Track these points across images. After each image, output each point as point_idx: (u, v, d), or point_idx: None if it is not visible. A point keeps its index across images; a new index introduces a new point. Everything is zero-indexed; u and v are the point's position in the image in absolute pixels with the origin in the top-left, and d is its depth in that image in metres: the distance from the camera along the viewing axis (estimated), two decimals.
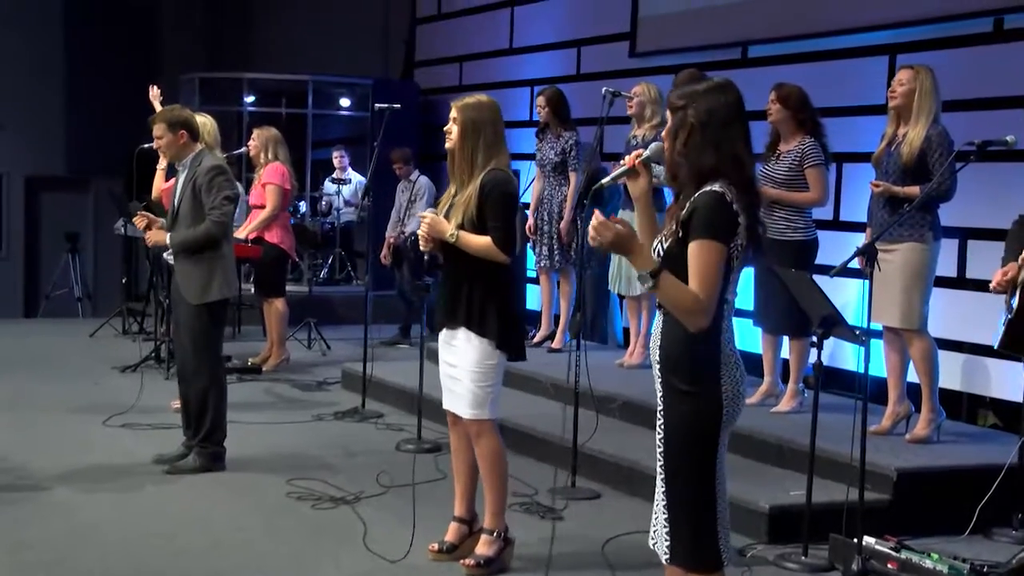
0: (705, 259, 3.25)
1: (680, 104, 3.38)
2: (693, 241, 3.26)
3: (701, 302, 3.23)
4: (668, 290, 3.24)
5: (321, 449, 6.81)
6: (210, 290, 6.12)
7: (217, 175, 6.14)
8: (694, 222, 3.27)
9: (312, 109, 12.86)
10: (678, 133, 3.38)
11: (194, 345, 6.18)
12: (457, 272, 4.81)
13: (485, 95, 4.99)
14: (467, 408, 4.80)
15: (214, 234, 6.10)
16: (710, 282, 3.24)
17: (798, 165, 6.52)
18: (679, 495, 3.40)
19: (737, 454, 6.23)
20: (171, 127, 6.17)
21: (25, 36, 15.78)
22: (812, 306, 4.97)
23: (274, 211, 8.87)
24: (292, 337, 9.92)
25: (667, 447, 3.39)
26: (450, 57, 12.60)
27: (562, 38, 10.92)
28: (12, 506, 5.51)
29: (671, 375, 3.36)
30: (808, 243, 6.59)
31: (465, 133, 4.77)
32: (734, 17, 9.09)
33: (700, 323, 3.26)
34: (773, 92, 6.65)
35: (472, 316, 4.74)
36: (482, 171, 4.75)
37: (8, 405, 7.70)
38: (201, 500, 5.75)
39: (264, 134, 9.03)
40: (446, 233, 4.72)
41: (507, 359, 4.86)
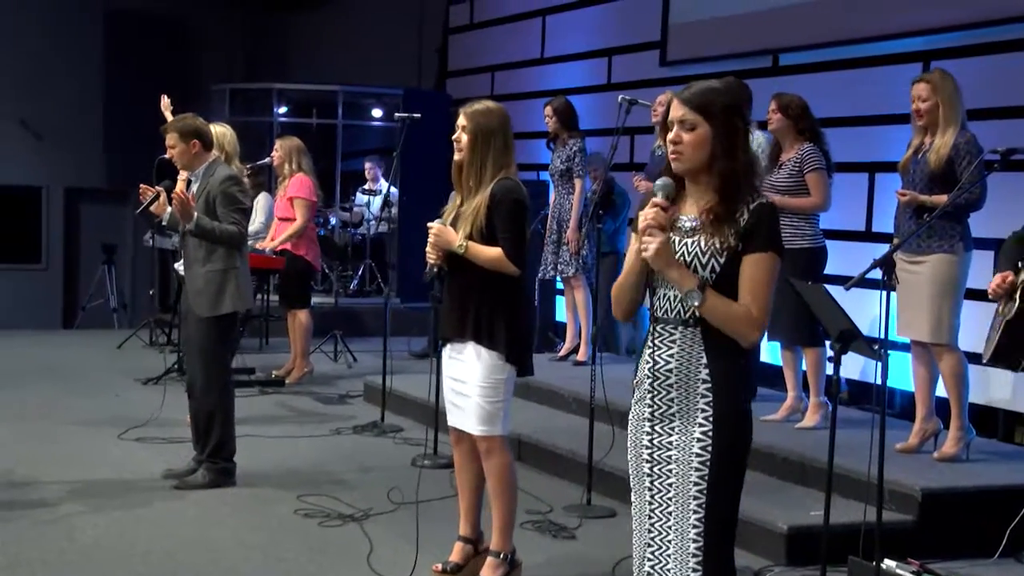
0: (768, 273, 3.12)
1: (719, 108, 3.11)
2: (755, 254, 3.11)
3: (758, 317, 3.11)
4: (719, 306, 3.09)
5: (335, 464, 6.71)
6: (222, 303, 6.02)
7: (232, 186, 6.05)
8: (758, 235, 3.11)
9: (342, 120, 12.80)
10: (732, 141, 3.12)
11: (203, 359, 6.08)
12: (464, 284, 4.65)
13: (492, 101, 4.84)
14: (476, 424, 4.65)
15: (236, 239, 6.00)
16: (768, 295, 3.13)
17: (799, 171, 6.41)
18: (722, 517, 3.22)
19: (759, 472, 6.08)
20: (183, 136, 6.08)
21: (65, 49, 15.90)
22: (829, 320, 4.80)
23: (303, 225, 8.81)
24: (318, 349, 9.85)
25: (719, 471, 3.15)
26: (481, 67, 12.52)
27: (593, 47, 10.81)
28: (15, 522, 5.44)
29: (720, 394, 3.15)
30: (816, 251, 6.46)
31: (475, 141, 4.63)
32: (765, 25, 8.93)
33: (756, 338, 3.14)
34: (773, 101, 6.56)
35: (481, 329, 4.59)
36: (491, 180, 4.61)
37: (28, 417, 7.68)
38: (206, 517, 5.66)
39: (287, 144, 8.97)
40: (454, 244, 4.58)
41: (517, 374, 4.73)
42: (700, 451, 3.16)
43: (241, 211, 6.06)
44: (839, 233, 7.61)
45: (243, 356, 9.79)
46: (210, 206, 6.01)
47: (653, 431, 3.25)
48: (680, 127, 3.14)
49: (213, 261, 6.02)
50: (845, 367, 7.45)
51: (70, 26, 16.02)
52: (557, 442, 6.62)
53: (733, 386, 3.17)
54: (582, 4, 11.03)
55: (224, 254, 6.04)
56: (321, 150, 13.24)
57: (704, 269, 3.13)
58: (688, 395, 3.19)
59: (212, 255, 6.02)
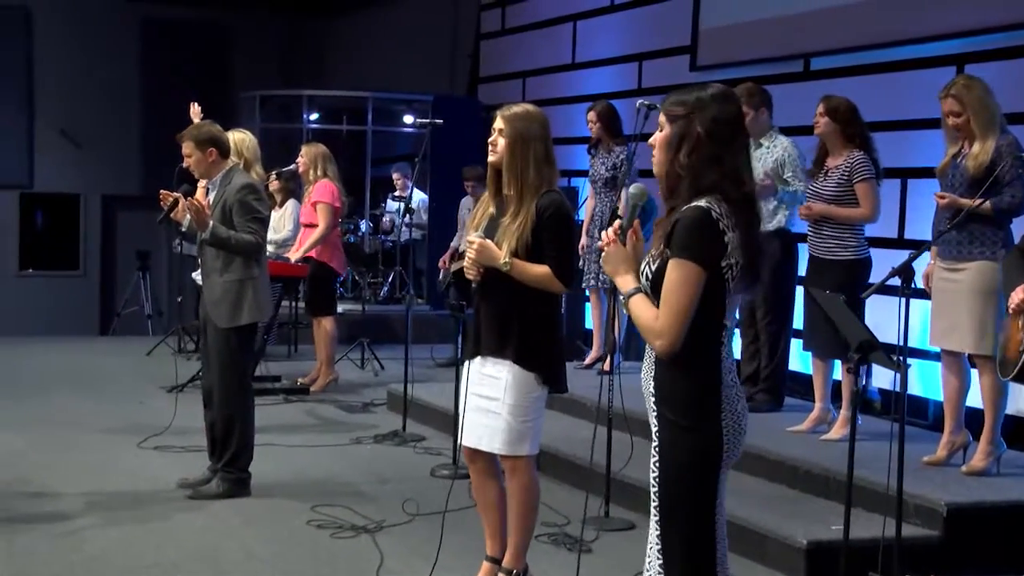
0: (674, 277, 3.02)
1: (682, 112, 3.11)
2: (671, 259, 3.04)
3: (660, 324, 3.02)
4: (634, 310, 3.09)
5: (353, 474, 6.64)
6: (240, 313, 5.94)
7: (248, 194, 5.96)
8: (674, 240, 3.04)
9: (372, 126, 12.75)
10: (681, 144, 3.10)
11: (222, 369, 5.99)
12: (504, 301, 4.42)
13: (532, 105, 4.63)
14: (504, 444, 4.44)
15: (252, 248, 5.92)
16: (675, 304, 3.01)
17: (847, 180, 6.22)
18: (676, 538, 3.13)
19: (782, 484, 5.97)
20: (199, 144, 6.00)
21: (103, 58, 16.02)
22: (849, 330, 4.67)
23: (327, 230, 8.75)
24: (345, 357, 9.80)
25: (663, 486, 3.11)
26: (513, 73, 12.44)
27: (624, 52, 10.70)
28: (26, 533, 5.41)
29: (666, 407, 3.10)
30: (860, 262, 6.27)
31: (514, 147, 4.39)
32: (796, 28, 8.78)
33: (659, 346, 3.04)
34: (821, 104, 6.35)
35: (522, 350, 4.38)
36: (535, 191, 4.38)
37: (50, 425, 7.67)
38: (217, 528, 5.60)
39: (312, 150, 8.92)
40: (499, 260, 4.35)
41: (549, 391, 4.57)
42: (653, 468, 3.14)
43: (258, 220, 5.97)
44: (871, 240, 7.44)
45: (270, 363, 9.77)
46: (226, 215, 5.92)
47: (653, 445, 3.19)
48: (658, 129, 3.16)
49: (231, 271, 5.94)
50: (879, 377, 7.36)
51: (108, 35, 16.16)
52: (577, 452, 6.51)
53: (678, 401, 3.09)
54: (613, 9, 10.94)
55: (242, 264, 5.95)
56: (351, 156, 13.23)
57: (641, 276, 3.14)
58: (650, 410, 3.16)
59: (230, 265, 5.94)
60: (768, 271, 6.85)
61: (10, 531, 5.43)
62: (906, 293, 4.40)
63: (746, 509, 5.50)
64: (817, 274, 6.35)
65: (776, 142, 6.95)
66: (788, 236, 6.97)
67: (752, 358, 7.09)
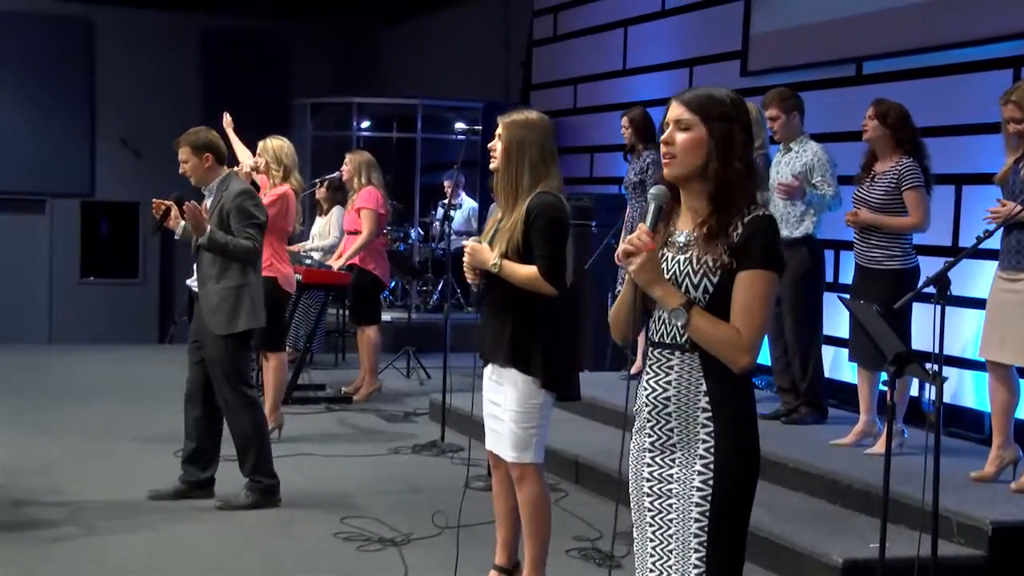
0: (761, 291, 2.85)
1: (721, 114, 2.90)
2: (748, 271, 2.85)
3: (747, 338, 2.84)
4: (706, 327, 2.85)
5: (386, 484, 6.58)
6: (237, 320, 5.87)
7: (246, 200, 5.91)
8: (752, 250, 2.85)
9: (421, 133, 12.71)
10: (730, 147, 2.89)
11: (226, 378, 5.92)
12: (501, 304, 4.45)
13: (536, 111, 4.62)
14: (509, 451, 4.44)
15: (250, 254, 5.86)
16: (762, 315, 2.86)
17: (895, 188, 6.03)
18: (725, 560, 2.96)
19: (822, 500, 5.81)
20: (196, 151, 5.96)
21: (162, 67, 16.15)
22: (884, 342, 4.50)
23: (370, 237, 8.70)
24: (391, 366, 9.74)
25: (720, 511, 2.91)
26: (564, 79, 12.33)
27: (674, 58, 10.55)
28: (50, 542, 5.40)
29: (724, 425, 2.90)
30: (907, 272, 6.06)
31: (509, 152, 4.44)
32: (848, 32, 8.58)
33: (745, 362, 2.86)
34: (871, 108, 6.17)
35: (517, 353, 4.37)
36: (528, 194, 4.39)
37: (88, 433, 7.70)
38: (241, 538, 5.55)
39: (357, 158, 8.88)
40: (488, 263, 4.38)
41: (557, 399, 4.51)
42: (701, 485, 2.92)
43: (256, 226, 5.91)
44: (923, 248, 7.24)
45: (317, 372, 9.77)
46: (224, 221, 5.87)
47: (654, 462, 3.03)
48: (675, 127, 2.93)
49: (227, 278, 5.88)
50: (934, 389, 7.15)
51: (168, 45, 16.29)
52: (613, 464, 6.36)
53: (737, 418, 2.92)
54: (664, 14, 10.79)
55: (238, 270, 5.89)
56: (401, 164, 13.21)
57: (696, 289, 2.90)
58: (688, 426, 2.95)
59: (226, 271, 5.89)
60: (797, 280, 6.68)
61: (34, 539, 5.43)
62: (940, 302, 4.22)
63: (783, 525, 5.35)
64: (864, 284, 6.17)
65: (806, 147, 6.79)
66: (815, 242, 6.80)
67: (785, 370, 6.91)
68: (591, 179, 11.41)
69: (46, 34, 16.00)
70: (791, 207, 6.71)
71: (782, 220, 6.77)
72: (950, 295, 4.37)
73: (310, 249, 9.59)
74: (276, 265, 7.34)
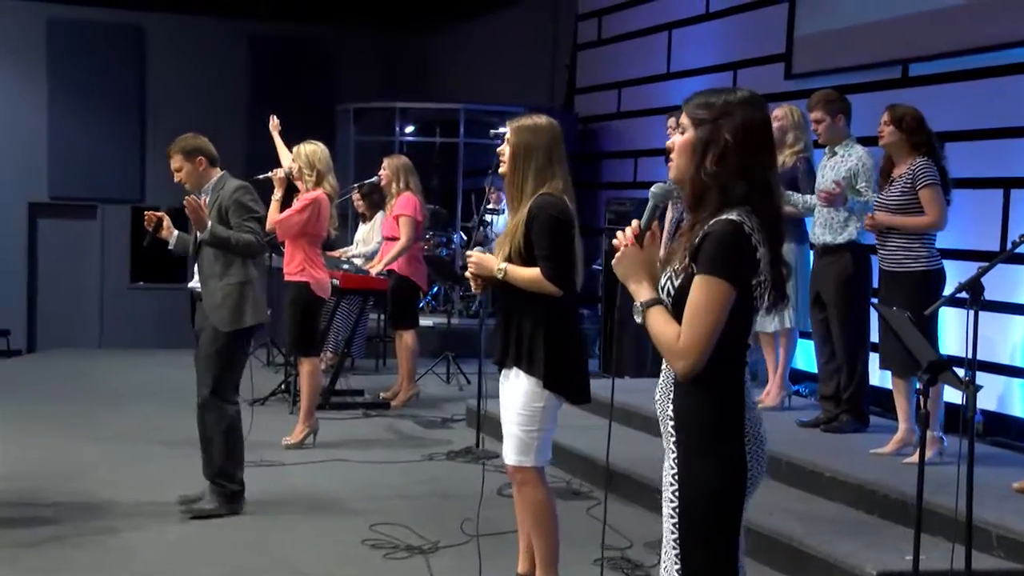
0: (702, 296, 2.79)
1: (708, 116, 2.89)
2: (698, 275, 2.80)
3: (682, 344, 2.78)
4: (653, 325, 2.85)
5: (418, 491, 6.53)
6: (243, 316, 5.84)
7: (244, 194, 5.90)
8: (702, 255, 2.81)
9: (464, 138, 12.67)
10: (707, 149, 2.88)
11: (212, 375, 5.88)
12: (508, 306, 4.46)
13: (546, 117, 4.60)
14: (511, 453, 4.45)
15: (252, 248, 5.84)
16: (701, 324, 2.78)
17: (911, 188, 5.93)
18: (696, 571, 2.91)
19: (860, 510, 5.69)
20: (187, 156, 5.97)
21: (211, 74, 16.27)
22: (917, 349, 4.38)
23: (408, 243, 8.67)
24: (431, 371, 9.70)
25: (684, 516, 2.89)
26: (609, 83, 12.24)
27: (718, 61, 10.43)
28: (80, 547, 5.41)
29: (685, 432, 2.88)
30: (931, 273, 5.94)
31: (516, 157, 4.44)
32: (894, 33, 8.43)
33: (680, 367, 2.80)
34: (886, 113, 6.10)
35: (521, 353, 4.37)
36: (531, 197, 4.38)
37: (127, 437, 7.73)
38: (268, 544, 5.52)
39: (395, 162, 8.85)
40: (493, 269, 4.37)
41: (565, 402, 4.45)
42: (671, 496, 2.91)
43: (255, 219, 5.90)
44: (971, 254, 7.10)
45: (357, 377, 9.76)
46: (223, 218, 5.86)
47: (664, 470, 2.99)
48: (678, 131, 2.95)
49: (230, 275, 5.86)
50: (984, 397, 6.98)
51: (217, 51, 16.41)
52: (647, 472, 6.28)
53: (702, 426, 2.86)
54: (708, 17, 10.68)
55: (240, 267, 5.88)
56: (444, 168, 13.17)
57: (662, 291, 2.90)
58: (665, 433, 2.94)
59: (229, 268, 5.86)
60: (841, 285, 6.56)
61: (61, 544, 5.44)
62: (974, 308, 4.10)
63: (817, 535, 5.24)
64: (887, 288, 6.06)
65: (851, 151, 6.65)
66: (860, 248, 6.65)
67: (830, 377, 6.78)
68: (634, 183, 11.31)
69: (98, 42, 16.17)
70: (834, 212, 6.59)
71: (825, 225, 6.65)
72: (984, 300, 4.24)
73: (353, 255, 9.58)
74: (309, 270, 7.33)
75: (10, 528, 5.65)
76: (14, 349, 15.93)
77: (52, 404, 9.13)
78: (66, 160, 15.98)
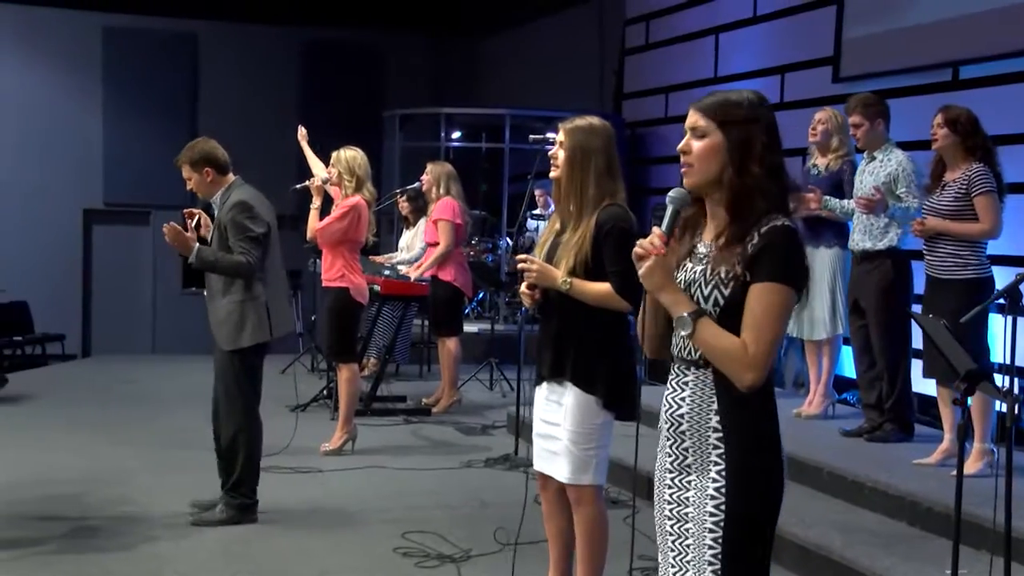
0: (771, 304, 2.67)
1: (737, 118, 2.76)
2: (759, 283, 2.69)
3: (753, 354, 2.67)
4: (710, 338, 2.70)
5: (454, 498, 6.48)
6: (243, 335, 5.74)
7: (239, 213, 5.72)
8: (765, 261, 2.69)
9: (509, 143, 12.62)
10: (746, 152, 2.74)
11: (226, 391, 5.84)
12: (563, 321, 4.24)
13: (598, 118, 4.42)
14: (568, 472, 4.26)
15: (241, 269, 5.66)
16: (771, 331, 2.67)
17: (965, 194, 5.75)
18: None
19: (902, 522, 5.57)
20: (194, 166, 5.87)
21: (263, 80, 16.37)
22: (955, 358, 4.27)
23: (447, 248, 8.64)
24: (474, 377, 9.66)
25: (734, 529, 2.75)
26: (656, 88, 12.14)
27: (766, 65, 10.31)
28: (112, 552, 5.42)
29: (733, 446, 2.75)
30: (981, 281, 5.76)
31: (573, 160, 4.23)
32: (944, 35, 8.26)
33: (750, 379, 2.68)
34: (939, 115, 5.90)
35: (579, 371, 4.19)
36: (595, 205, 4.20)
37: (169, 444, 7.76)
38: (300, 552, 5.50)
39: (437, 169, 8.83)
40: (557, 281, 4.17)
41: (616, 418, 4.33)
42: (714, 510, 2.76)
43: (250, 239, 5.69)
44: (1016, 260, 6.94)
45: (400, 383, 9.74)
46: (223, 235, 5.74)
47: (673, 484, 2.88)
48: (692, 135, 2.80)
49: (232, 292, 5.75)
50: None
51: (269, 58, 16.51)
52: None
53: (750, 438, 2.75)
54: (755, 20, 10.56)
55: (243, 285, 5.75)
56: (490, 174, 13.13)
57: (706, 301, 2.75)
58: (701, 446, 2.79)
59: (231, 286, 5.76)
60: (881, 293, 6.43)
61: (96, 550, 5.45)
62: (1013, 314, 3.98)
63: (856, 548, 5.14)
64: (933, 295, 5.90)
65: (891, 155, 6.51)
66: (900, 255, 6.51)
67: (871, 385, 6.64)
68: None
69: (153, 49, 16.33)
70: (874, 218, 6.45)
71: (865, 231, 6.52)
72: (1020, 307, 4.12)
73: (397, 262, 9.56)
74: (348, 276, 7.31)
75: (46, 533, 5.68)
76: (69, 354, 16.11)
77: (101, 409, 9.21)
78: (120, 167, 16.15)
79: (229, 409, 5.86)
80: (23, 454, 7.48)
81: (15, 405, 9.36)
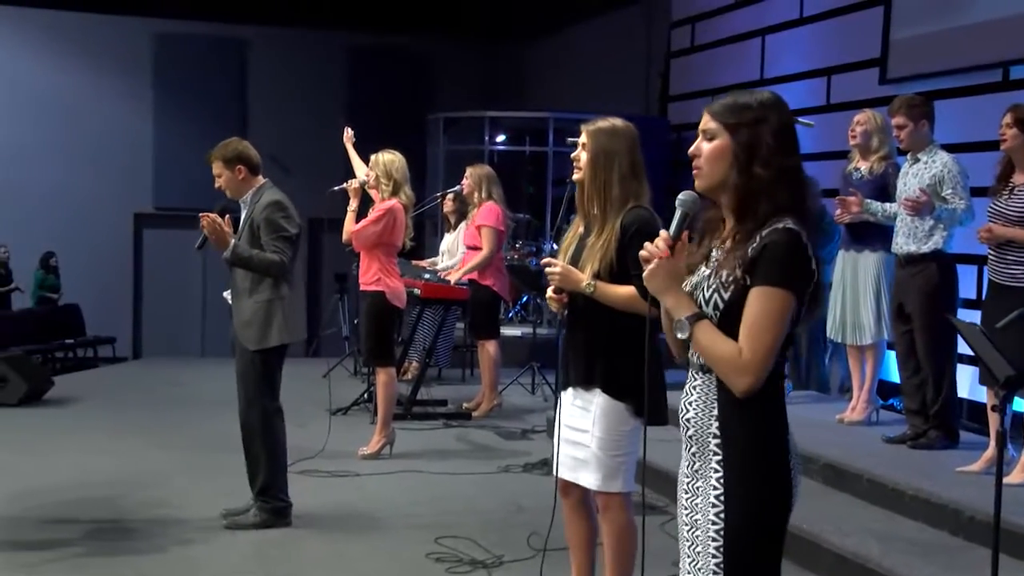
0: (767, 308, 2.62)
1: (745, 120, 2.72)
2: (758, 287, 2.64)
3: (747, 359, 2.61)
4: (706, 342, 2.66)
5: (489, 503, 6.43)
6: (269, 335, 5.72)
7: (274, 212, 5.71)
8: (763, 265, 2.64)
9: (553, 147, 12.58)
10: (752, 154, 2.70)
11: (247, 393, 5.81)
12: (590, 327, 4.18)
13: (621, 120, 4.34)
14: (595, 480, 4.19)
15: (274, 268, 5.65)
16: (766, 336, 2.61)
17: None
18: None
19: (943, 531, 5.44)
20: (227, 163, 5.82)
21: (311, 85, 16.47)
22: (994, 364, 4.17)
23: (491, 254, 8.61)
24: (515, 382, 9.61)
25: (734, 540, 2.71)
26: (702, 91, 12.04)
27: (812, 66, 10.19)
28: (144, 554, 5.43)
29: (733, 451, 2.71)
30: None
31: (596, 162, 4.17)
32: (994, 36, 8.12)
33: (744, 385, 2.63)
34: (1009, 114, 5.70)
35: (608, 377, 4.13)
36: (620, 207, 4.13)
37: (207, 447, 7.76)
38: (333, 557, 5.48)
39: (478, 172, 8.80)
40: (582, 284, 4.11)
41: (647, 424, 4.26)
42: (715, 519, 2.71)
43: (285, 239, 5.69)
44: None
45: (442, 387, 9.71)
46: (255, 234, 5.72)
47: (688, 490, 2.84)
48: (702, 137, 2.76)
49: (260, 291, 5.73)
50: None
51: (317, 63, 16.61)
52: None
53: (748, 444, 2.69)
54: (802, 22, 10.45)
55: (270, 284, 5.73)
56: (535, 177, 13.10)
57: (707, 304, 2.71)
58: (704, 452, 2.76)
59: (259, 285, 5.74)
60: (926, 297, 6.30)
61: (129, 552, 5.47)
62: None
63: (895, 556, 5.03)
64: (994, 301, 5.73)
65: (936, 157, 6.36)
66: (945, 258, 6.35)
67: (916, 391, 6.50)
68: None
69: (202, 55, 16.49)
70: (918, 221, 6.32)
71: (909, 235, 6.39)
72: None
73: (441, 268, 9.51)
74: (385, 279, 7.29)
75: (81, 535, 5.71)
76: (120, 356, 16.29)
77: (143, 411, 9.28)
78: (170, 172, 16.31)
79: (253, 412, 5.84)
80: (63, 457, 7.53)
81: (60, 407, 9.44)
